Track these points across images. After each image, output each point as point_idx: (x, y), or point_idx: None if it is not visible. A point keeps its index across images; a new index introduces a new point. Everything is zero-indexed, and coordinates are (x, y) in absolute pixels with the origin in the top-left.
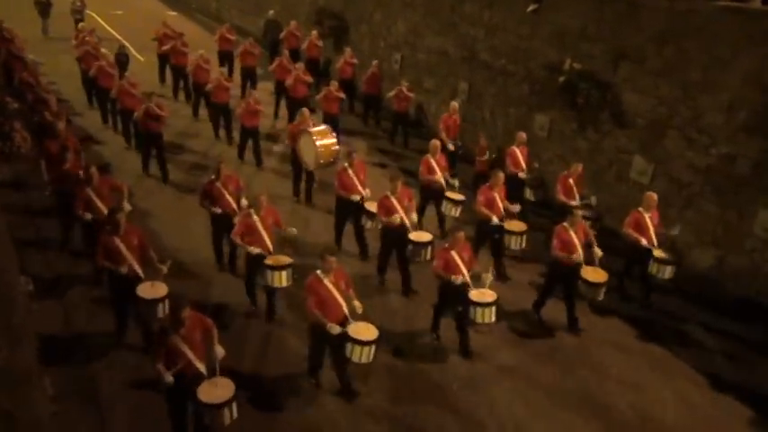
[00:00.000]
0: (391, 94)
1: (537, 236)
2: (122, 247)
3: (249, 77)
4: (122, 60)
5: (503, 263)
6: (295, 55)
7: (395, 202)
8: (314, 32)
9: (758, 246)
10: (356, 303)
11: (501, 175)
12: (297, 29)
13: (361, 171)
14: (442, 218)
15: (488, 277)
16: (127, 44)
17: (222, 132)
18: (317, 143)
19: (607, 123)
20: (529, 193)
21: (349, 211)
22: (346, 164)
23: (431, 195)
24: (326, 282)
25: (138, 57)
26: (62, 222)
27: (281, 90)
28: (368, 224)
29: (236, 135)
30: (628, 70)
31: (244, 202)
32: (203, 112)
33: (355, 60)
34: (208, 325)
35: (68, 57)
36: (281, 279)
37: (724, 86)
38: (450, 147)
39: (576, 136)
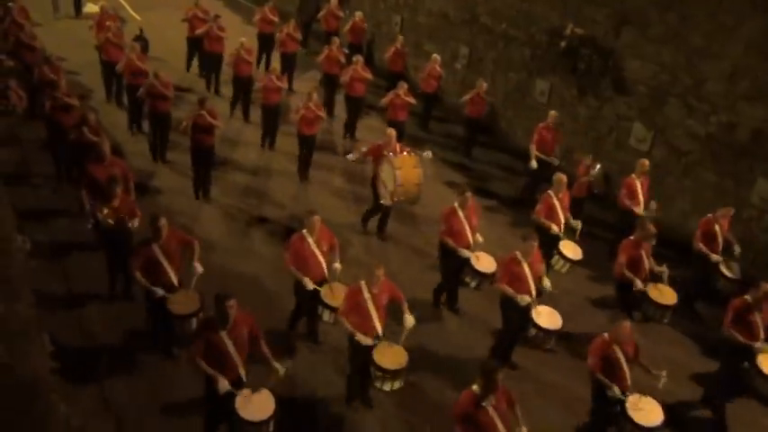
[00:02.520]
0: (466, 98)
1: (598, 245)
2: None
3: (289, 67)
4: (141, 45)
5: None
6: (357, 50)
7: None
8: (358, 13)
9: (754, 215)
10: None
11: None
12: (338, 8)
13: (474, 214)
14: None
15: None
16: (130, 11)
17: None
18: (398, 175)
19: (608, 90)
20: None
21: (451, 263)
22: (457, 204)
23: (544, 242)
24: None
25: (136, 16)
26: (109, 268)
27: (331, 86)
28: (472, 283)
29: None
30: (630, 36)
31: (336, 266)
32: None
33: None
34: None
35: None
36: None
37: (726, 54)
38: (533, 164)
39: (576, 102)
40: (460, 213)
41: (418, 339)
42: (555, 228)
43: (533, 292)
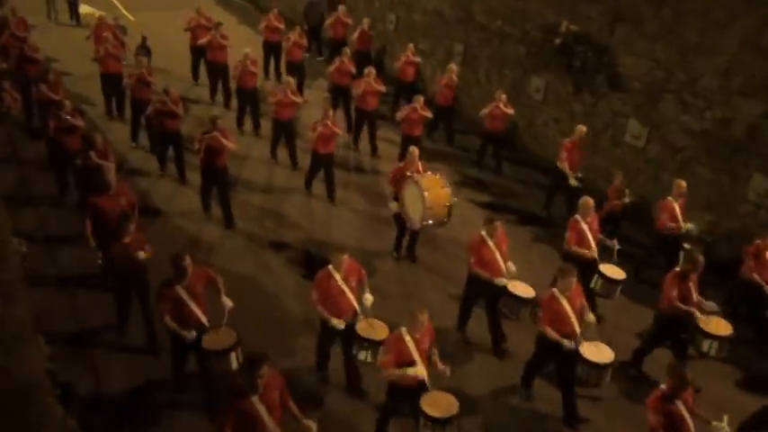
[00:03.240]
0: (485, 111)
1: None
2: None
3: (297, 75)
4: (145, 55)
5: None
6: (338, 46)
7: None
8: (366, 20)
9: (751, 210)
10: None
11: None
12: (345, 14)
13: (504, 241)
14: (589, 296)
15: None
16: (124, 11)
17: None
18: (426, 197)
19: (603, 86)
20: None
21: (485, 294)
22: (484, 232)
23: (582, 271)
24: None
25: (129, 17)
26: (120, 309)
27: (341, 98)
28: (512, 315)
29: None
30: (624, 32)
31: (368, 297)
32: (245, 122)
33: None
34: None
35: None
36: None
37: (721, 50)
38: (573, 182)
39: (571, 99)
40: (490, 243)
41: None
42: (588, 253)
43: (577, 330)
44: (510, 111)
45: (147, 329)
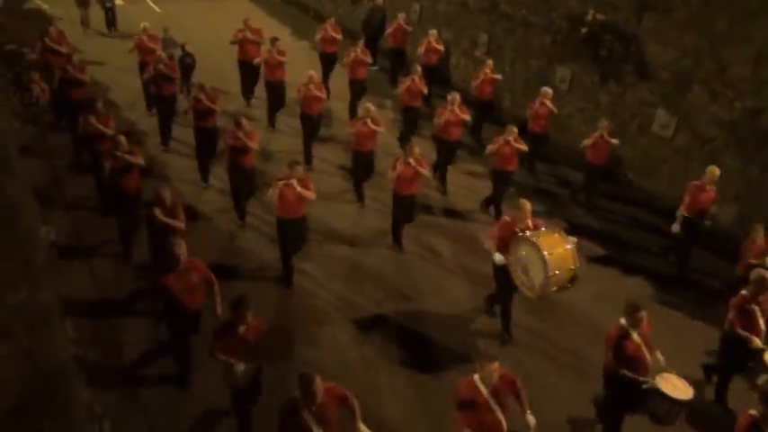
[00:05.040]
0: (588, 142)
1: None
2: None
3: (359, 95)
4: (187, 63)
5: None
6: (399, 57)
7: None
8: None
9: None
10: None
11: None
12: (407, 22)
13: (649, 328)
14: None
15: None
16: (150, 2)
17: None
18: (549, 262)
19: (630, 76)
20: None
21: (630, 397)
22: (625, 322)
23: (741, 358)
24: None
25: (155, 7)
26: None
27: (413, 122)
28: (667, 419)
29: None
30: (652, 21)
31: (530, 419)
32: (330, 162)
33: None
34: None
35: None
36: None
37: (751, 38)
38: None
39: (597, 89)
40: (635, 336)
41: None
42: (756, 341)
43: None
44: (615, 141)
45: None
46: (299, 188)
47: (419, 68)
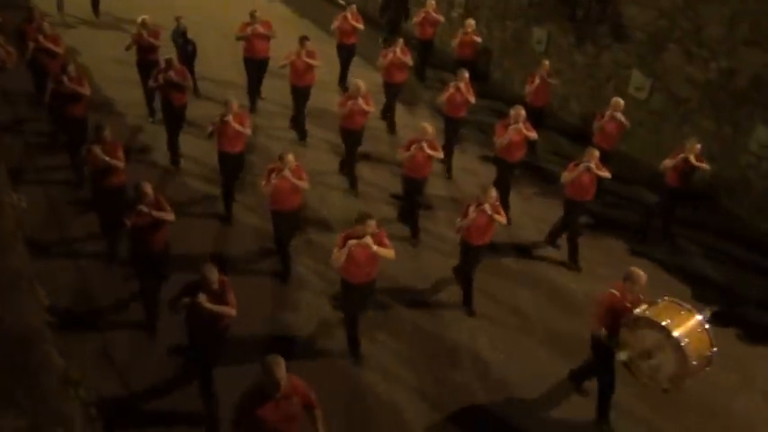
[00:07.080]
0: (669, 163)
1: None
2: None
3: (393, 99)
4: (189, 51)
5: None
6: (426, 49)
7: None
8: (470, 22)
9: (753, 162)
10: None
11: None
12: (436, 10)
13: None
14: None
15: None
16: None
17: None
18: (686, 351)
19: (606, 37)
20: None
21: None
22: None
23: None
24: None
25: None
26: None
27: (456, 134)
28: None
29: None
30: None
31: None
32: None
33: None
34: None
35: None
36: None
37: None
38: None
39: (573, 50)
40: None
41: None
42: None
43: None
44: (705, 166)
45: None
46: (292, 179)
47: (466, 74)
